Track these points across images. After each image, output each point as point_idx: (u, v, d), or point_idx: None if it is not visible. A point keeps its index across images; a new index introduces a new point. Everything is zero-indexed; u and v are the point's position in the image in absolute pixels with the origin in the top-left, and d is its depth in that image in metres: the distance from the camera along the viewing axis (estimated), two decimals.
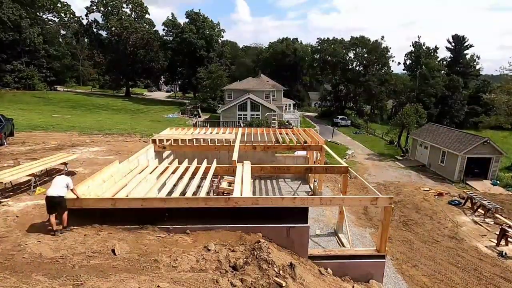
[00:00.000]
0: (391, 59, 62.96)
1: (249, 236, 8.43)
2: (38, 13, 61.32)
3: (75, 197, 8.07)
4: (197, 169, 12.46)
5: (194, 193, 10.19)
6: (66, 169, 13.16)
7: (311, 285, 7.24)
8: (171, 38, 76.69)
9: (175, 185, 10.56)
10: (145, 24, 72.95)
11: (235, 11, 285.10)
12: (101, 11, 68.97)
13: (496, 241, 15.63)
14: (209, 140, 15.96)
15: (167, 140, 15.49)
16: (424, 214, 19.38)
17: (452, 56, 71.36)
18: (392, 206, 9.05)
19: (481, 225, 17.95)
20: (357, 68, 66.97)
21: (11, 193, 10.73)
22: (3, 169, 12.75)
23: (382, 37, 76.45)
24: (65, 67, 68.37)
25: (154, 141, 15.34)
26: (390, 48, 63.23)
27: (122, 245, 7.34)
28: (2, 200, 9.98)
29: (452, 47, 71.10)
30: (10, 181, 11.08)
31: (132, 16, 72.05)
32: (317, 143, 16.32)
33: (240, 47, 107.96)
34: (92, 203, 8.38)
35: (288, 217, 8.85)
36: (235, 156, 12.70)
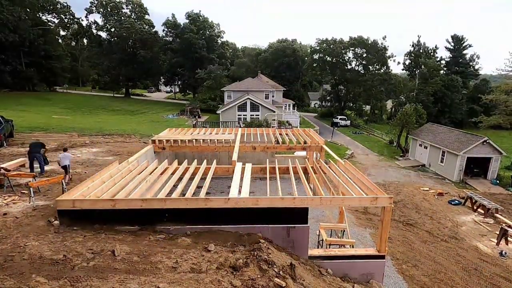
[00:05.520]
0: (391, 58, 62.98)
1: (249, 237, 8.42)
2: (37, 14, 61.31)
3: (81, 198, 8.14)
4: (196, 169, 12.47)
5: (194, 194, 10.18)
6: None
7: (311, 285, 7.24)
8: (171, 39, 76.71)
9: (174, 186, 10.55)
10: (145, 25, 72.95)
11: None
12: (100, 12, 68.99)
13: (496, 241, 15.63)
14: (208, 140, 15.96)
15: (167, 141, 15.49)
16: (424, 214, 19.38)
17: (451, 55, 71.47)
18: (392, 206, 9.05)
19: (481, 224, 17.95)
20: (357, 68, 67.00)
21: (11, 194, 10.71)
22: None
23: (384, 37, 76.38)
24: (65, 68, 68.33)
25: (153, 141, 15.34)
26: (388, 47, 63.29)
27: (122, 246, 7.33)
28: (1, 201, 9.97)
29: (452, 47, 71.21)
30: (10, 182, 11.08)
31: (132, 16, 72.04)
32: (317, 143, 16.32)
33: (240, 47, 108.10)
34: (91, 204, 8.37)
35: (288, 217, 8.85)
36: (235, 157, 12.71)
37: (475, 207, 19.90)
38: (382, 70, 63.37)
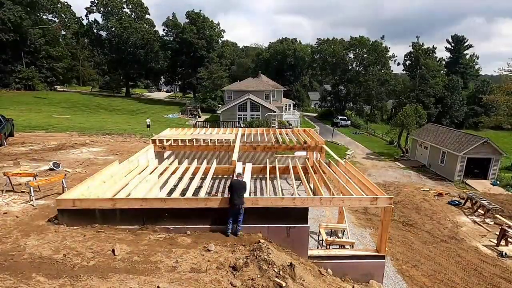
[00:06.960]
0: (392, 59, 62.97)
1: (249, 237, 8.43)
2: (38, 14, 61.30)
3: (81, 198, 8.10)
4: (197, 169, 12.48)
5: (194, 193, 10.18)
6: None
7: (311, 285, 7.24)
8: (171, 38, 76.73)
9: (175, 186, 10.57)
10: (145, 25, 72.98)
11: None
12: (101, 12, 69.02)
13: (496, 241, 15.63)
14: (209, 140, 15.96)
15: (167, 140, 15.49)
16: (424, 214, 19.37)
17: (451, 56, 71.39)
18: (392, 206, 9.05)
19: (481, 225, 17.94)
20: (357, 68, 66.98)
21: (11, 193, 10.72)
22: (3, 169, 12.75)
23: (382, 37, 76.33)
24: (65, 67, 68.33)
25: (154, 141, 15.34)
26: (389, 48, 63.20)
27: (122, 246, 7.34)
28: (2, 200, 9.98)
29: (452, 47, 71.12)
30: (10, 182, 11.08)
31: (132, 16, 72.06)
32: (317, 143, 16.31)
33: (240, 47, 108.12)
34: (92, 203, 8.38)
35: (288, 217, 8.85)
36: (235, 156, 12.70)
37: (475, 208, 19.88)
38: (382, 71, 63.36)
